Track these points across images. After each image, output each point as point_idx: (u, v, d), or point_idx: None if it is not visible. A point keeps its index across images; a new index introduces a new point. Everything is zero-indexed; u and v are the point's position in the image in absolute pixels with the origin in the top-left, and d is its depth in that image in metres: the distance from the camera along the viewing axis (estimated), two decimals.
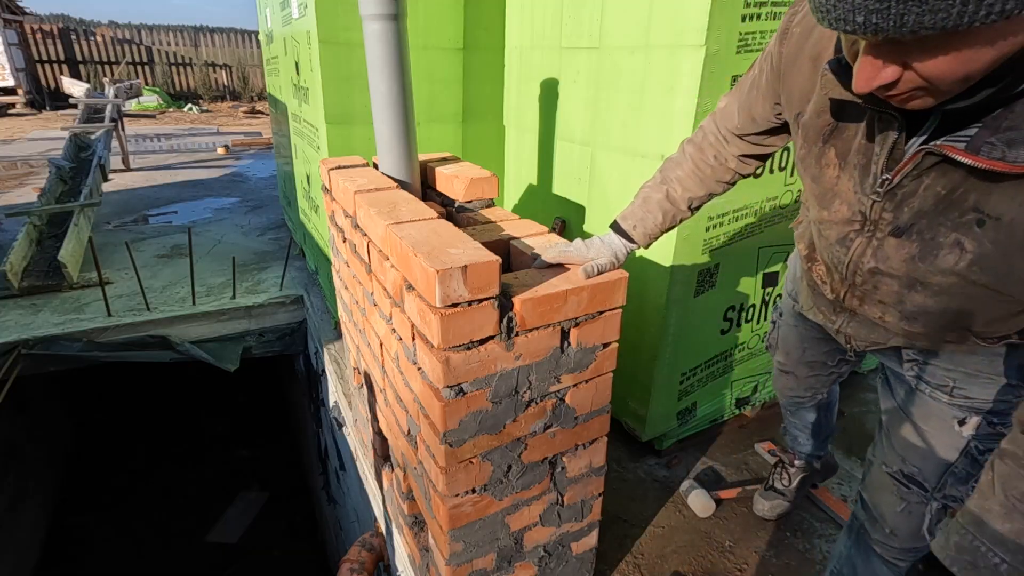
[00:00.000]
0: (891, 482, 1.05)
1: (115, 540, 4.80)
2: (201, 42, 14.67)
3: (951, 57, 0.53)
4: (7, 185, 5.91)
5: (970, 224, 0.69)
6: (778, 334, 1.42)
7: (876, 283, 0.87)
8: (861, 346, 1.05)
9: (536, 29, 2.09)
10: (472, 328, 1.02)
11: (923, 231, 0.75)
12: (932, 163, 0.69)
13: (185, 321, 3.06)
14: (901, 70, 0.57)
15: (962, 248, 0.71)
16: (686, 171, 1.16)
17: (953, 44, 0.52)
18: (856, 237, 0.85)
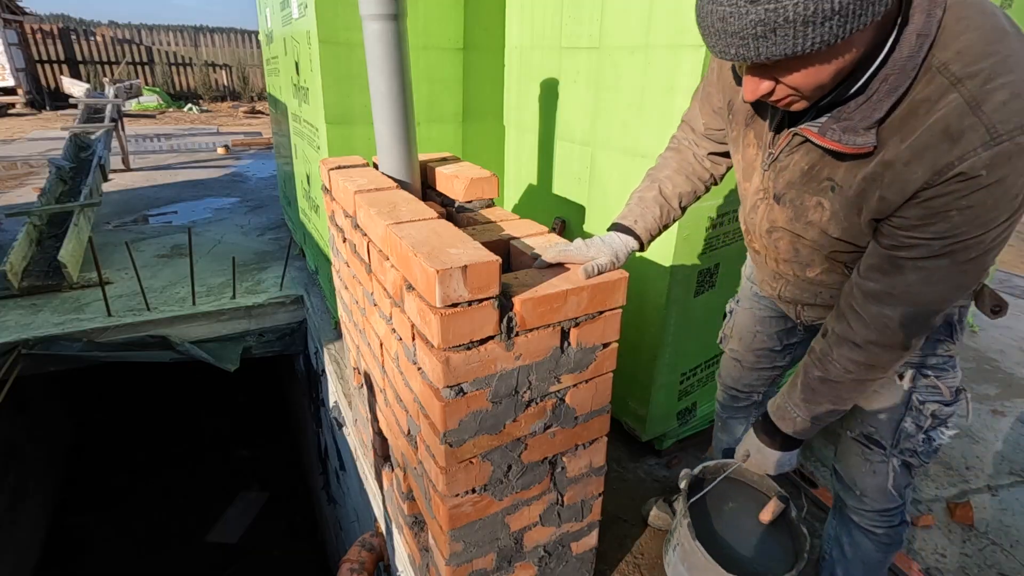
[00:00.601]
0: (856, 446, 1.19)
1: (115, 540, 4.80)
2: (201, 42, 14.67)
3: (804, 73, 0.75)
4: (7, 185, 5.91)
5: (826, 190, 0.91)
6: (733, 321, 1.47)
7: (776, 240, 1.08)
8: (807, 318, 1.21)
9: (536, 29, 2.09)
10: (472, 328, 1.02)
11: (794, 198, 0.98)
12: (799, 142, 0.92)
13: (185, 321, 3.06)
14: (773, 84, 0.78)
15: (823, 208, 0.94)
16: (672, 170, 1.25)
17: (802, 65, 0.74)
18: (760, 203, 1.06)
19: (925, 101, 0.75)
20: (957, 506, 1.94)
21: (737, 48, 0.71)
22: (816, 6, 0.65)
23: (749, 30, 0.68)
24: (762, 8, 0.66)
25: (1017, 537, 1.87)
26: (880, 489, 1.18)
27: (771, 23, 0.66)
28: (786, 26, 0.66)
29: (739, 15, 0.68)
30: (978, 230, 0.77)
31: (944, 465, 2.19)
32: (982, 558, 1.78)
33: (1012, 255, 5.83)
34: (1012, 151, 0.71)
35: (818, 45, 0.68)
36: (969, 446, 2.31)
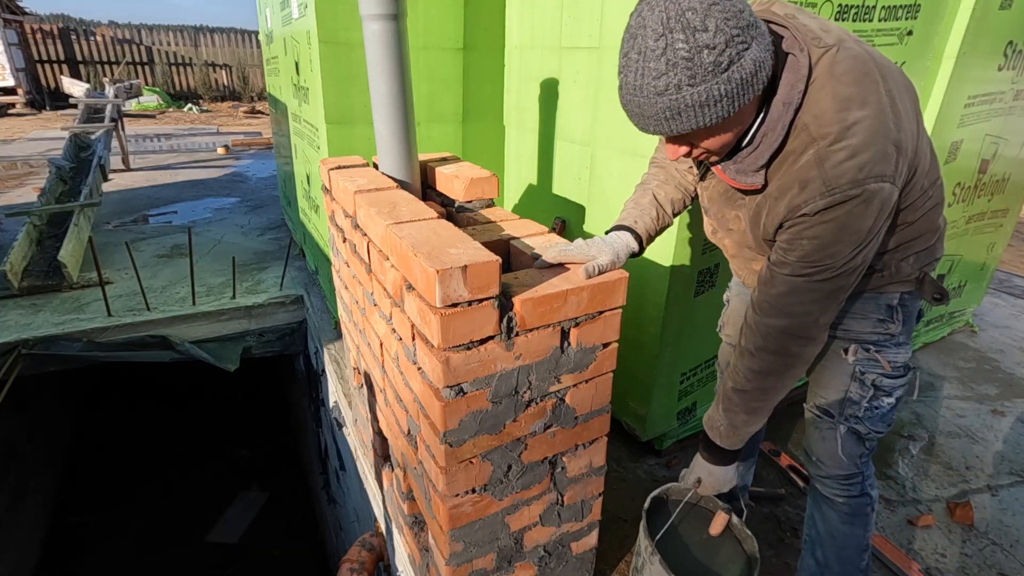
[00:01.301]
0: (812, 417, 1.32)
1: (115, 540, 4.80)
2: (201, 42, 14.67)
3: (711, 140, 0.96)
4: (7, 185, 5.91)
5: (740, 206, 1.12)
6: (729, 309, 1.55)
7: (721, 239, 1.27)
8: None
9: (536, 29, 2.09)
10: (472, 328, 1.02)
11: (716, 212, 1.20)
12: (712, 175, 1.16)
13: (185, 321, 3.06)
14: (689, 147, 0.99)
15: (739, 219, 1.14)
16: (660, 180, 1.34)
17: (707, 134, 0.94)
18: (704, 214, 1.27)
19: (793, 152, 0.95)
20: (957, 506, 1.94)
21: (655, 127, 0.91)
22: (707, 94, 0.84)
23: (661, 114, 0.88)
24: (667, 99, 0.85)
25: (1017, 537, 1.87)
26: (831, 455, 1.28)
27: (676, 108, 0.86)
28: (688, 110, 0.86)
29: (651, 104, 0.87)
30: (827, 259, 0.96)
31: (944, 465, 2.19)
32: (982, 558, 1.78)
33: (1012, 255, 5.82)
34: (841, 200, 0.91)
35: (714, 120, 0.88)
36: (969, 446, 2.31)
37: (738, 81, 0.84)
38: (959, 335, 3.24)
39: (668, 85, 0.84)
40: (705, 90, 0.84)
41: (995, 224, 3.02)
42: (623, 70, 0.88)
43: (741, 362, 1.13)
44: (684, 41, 0.81)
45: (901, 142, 0.91)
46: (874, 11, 1.81)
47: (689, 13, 0.80)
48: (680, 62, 0.82)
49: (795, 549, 1.73)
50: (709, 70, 0.82)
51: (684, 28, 0.80)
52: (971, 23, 2.07)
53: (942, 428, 2.41)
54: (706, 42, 0.81)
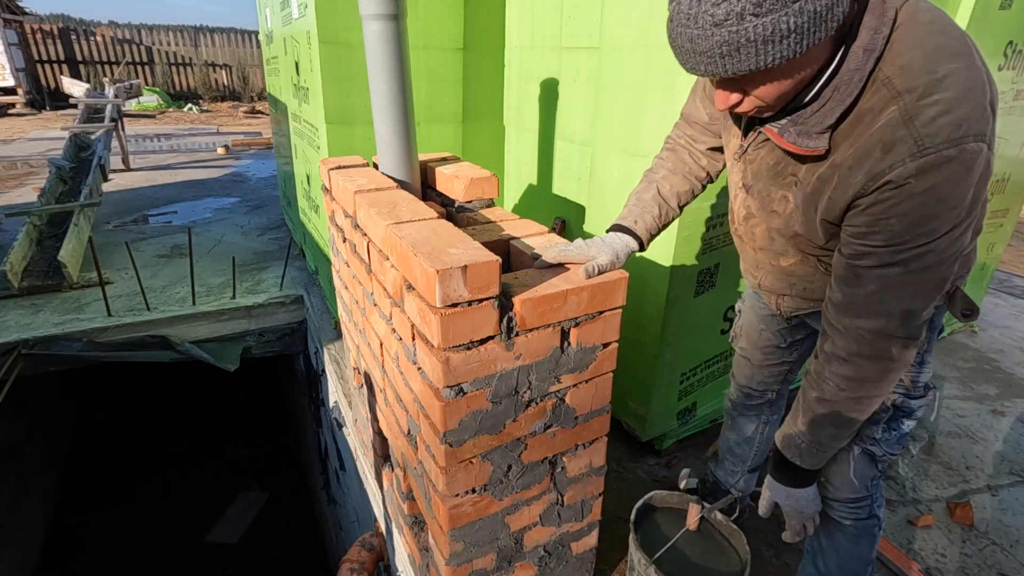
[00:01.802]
0: None
1: (115, 540, 4.80)
2: (201, 42, 14.67)
3: (768, 86, 0.82)
4: (7, 185, 5.91)
5: (790, 184, 0.98)
6: (741, 320, 1.50)
7: (752, 227, 1.14)
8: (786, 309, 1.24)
9: (536, 29, 2.09)
10: (472, 328, 1.02)
11: (761, 190, 1.05)
12: (764, 139, 0.99)
13: (185, 321, 3.06)
14: (741, 96, 0.86)
15: (787, 200, 1.00)
16: (668, 170, 1.29)
17: (765, 78, 0.81)
18: (739, 193, 1.13)
19: (870, 111, 0.82)
20: (957, 506, 1.94)
21: (706, 66, 0.78)
22: (774, 26, 0.71)
23: (716, 50, 0.75)
24: (726, 31, 0.73)
25: (1017, 537, 1.87)
26: (843, 477, 1.21)
27: (735, 43, 0.73)
28: (748, 45, 0.73)
29: (706, 37, 0.74)
30: (922, 239, 0.81)
31: (944, 465, 2.19)
32: (982, 558, 1.78)
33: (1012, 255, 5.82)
34: (938, 162, 0.76)
35: (778, 60, 0.75)
36: (969, 446, 2.31)
37: (811, 14, 0.71)
38: (959, 335, 3.24)
39: (729, 13, 0.71)
40: (772, 22, 0.70)
41: (995, 224, 3.02)
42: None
43: (829, 368, 0.99)
44: None
45: (995, 104, 0.80)
46: None
47: None
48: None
49: (795, 549, 1.73)
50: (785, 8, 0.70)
51: None
52: (971, 23, 2.07)
53: (942, 428, 2.41)
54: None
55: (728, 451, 1.68)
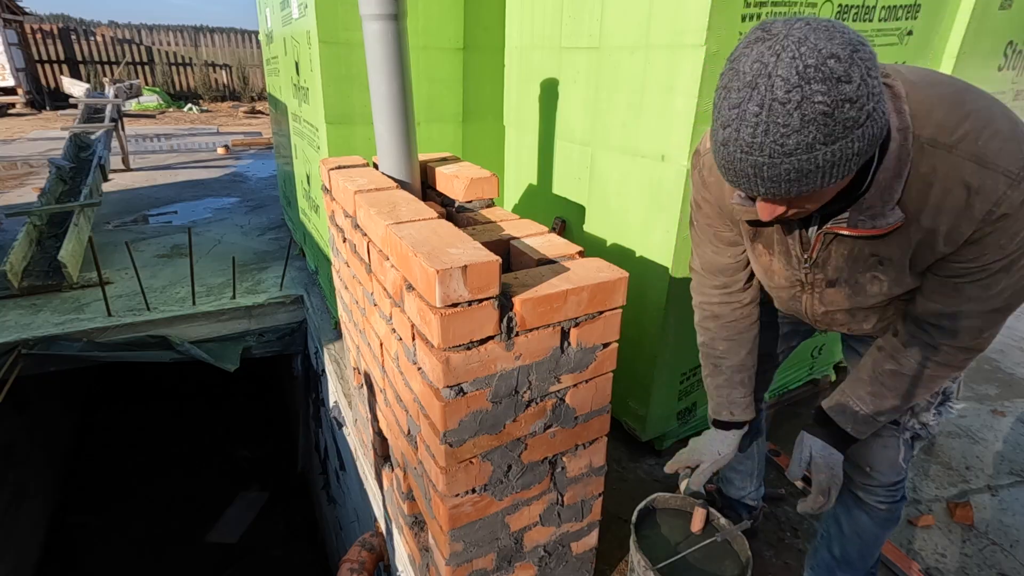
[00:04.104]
0: None
1: (115, 540, 4.80)
2: (201, 42, 14.66)
3: (821, 195, 0.83)
4: (7, 185, 5.91)
5: (874, 263, 0.98)
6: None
7: (831, 318, 1.16)
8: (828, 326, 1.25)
9: (536, 29, 2.09)
10: (472, 328, 1.02)
11: (847, 279, 1.04)
12: (831, 239, 0.99)
13: (185, 321, 3.06)
14: (788, 207, 0.85)
15: (879, 280, 1.01)
16: (725, 342, 1.29)
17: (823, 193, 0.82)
18: (801, 294, 1.14)
19: (931, 172, 0.84)
20: (957, 506, 1.94)
21: (768, 188, 0.78)
22: (842, 152, 0.73)
23: (783, 176, 0.75)
24: (796, 159, 0.73)
25: (1017, 537, 1.87)
26: (891, 462, 1.22)
27: (803, 171, 0.74)
28: (816, 171, 0.74)
29: (773, 165, 0.74)
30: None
31: (944, 465, 2.19)
32: (982, 558, 1.78)
33: None
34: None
35: (840, 178, 0.77)
36: (969, 446, 2.31)
37: (871, 136, 0.74)
38: None
39: (799, 144, 0.71)
40: (840, 148, 0.72)
41: None
42: (731, 123, 0.75)
43: (913, 350, 1.01)
44: (825, 93, 0.68)
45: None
46: (874, 11, 1.81)
47: (832, 61, 0.68)
48: (818, 118, 0.70)
49: (795, 549, 1.73)
50: (847, 126, 0.71)
51: (826, 78, 0.68)
52: (971, 23, 2.08)
53: (942, 428, 2.41)
54: (849, 95, 0.69)
55: (731, 470, 1.68)
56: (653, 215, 1.74)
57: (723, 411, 1.32)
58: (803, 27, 0.71)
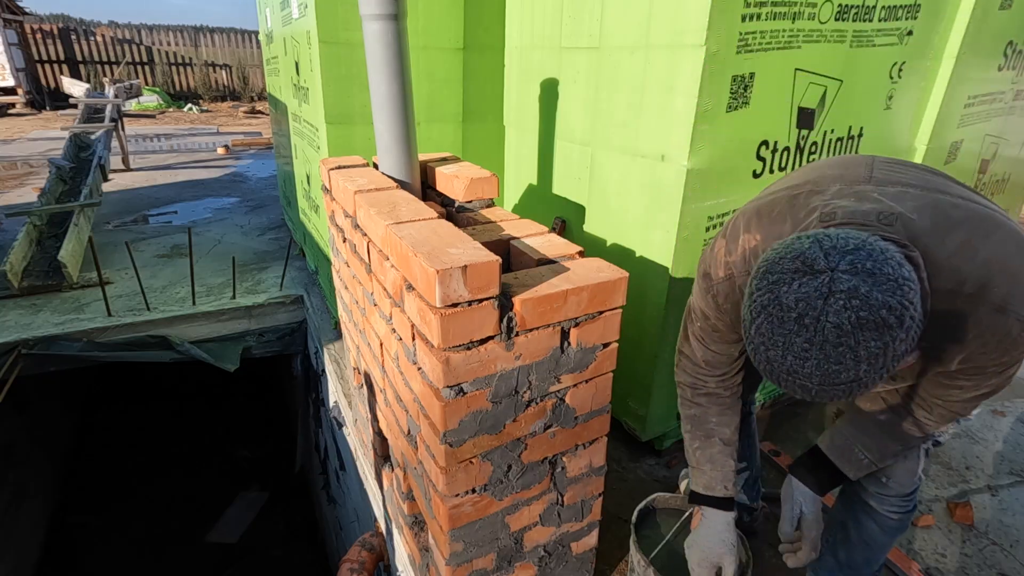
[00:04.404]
0: None
1: (115, 540, 4.80)
2: (201, 42, 14.66)
3: None
4: (7, 185, 5.91)
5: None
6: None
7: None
8: None
9: (536, 29, 2.09)
10: (472, 328, 1.02)
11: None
12: None
13: (185, 321, 3.06)
14: None
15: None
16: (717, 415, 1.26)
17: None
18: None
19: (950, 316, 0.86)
20: (957, 506, 1.94)
21: (809, 396, 0.78)
22: (891, 368, 0.73)
23: (833, 392, 0.76)
24: (845, 385, 0.74)
25: (1017, 537, 1.87)
26: (911, 473, 1.22)
27: (853, 389, 0.75)
28: (866, 386, 0.75)
29: (823, 390, 0.75)
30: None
31: (944, 465, 2.19)
32: (982, 558, 1.77)
33: None
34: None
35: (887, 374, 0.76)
36: (969, 446, 2.31)
37: (914, 340, 0.74)
38: None
39: (850, 376, 0.73)
40: (890, 367, 0.74)
41: None
42: (776, 347, 0.75)
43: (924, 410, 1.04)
44: (877, 339, 0.70)
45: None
46: (874, 11, 1.81)
47: (884, 311, 0.69)
48: (870, 357, 0.71)
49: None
50: (897, 354, 0.72)
51: (878, 327, 0.69)
52: (971, 23, 2.08)
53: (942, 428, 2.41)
54: (899, 335, 0.70)
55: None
56: (653, 215, 1.74)
57: (718, 486, 1.26)
58: (849, 272, 0.70)
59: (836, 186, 0.96)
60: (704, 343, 1.20)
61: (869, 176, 0.98)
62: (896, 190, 0.93)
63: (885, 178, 0.97)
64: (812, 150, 1.90)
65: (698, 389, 1.26)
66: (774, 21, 1.57)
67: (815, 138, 1.89)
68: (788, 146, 1.82)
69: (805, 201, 0.96)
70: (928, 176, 0.99)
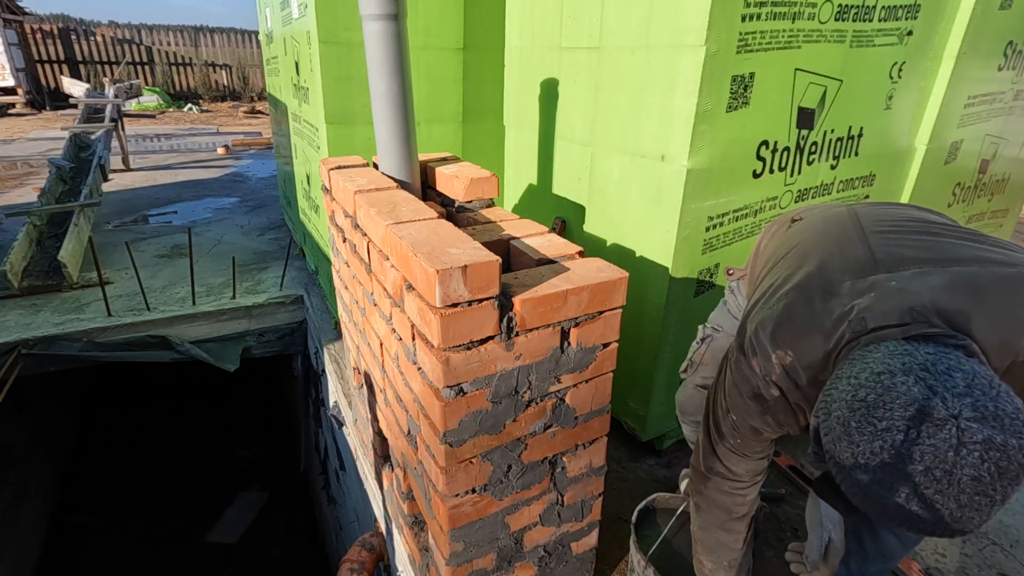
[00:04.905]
0: None
1: (115, 540, 4.80)
2: (201, 42, 14.66)
3: None
4: (7, 185, 5.91)
5: None
6: (707, 348, 1.45)
7: None
8: None
9: (536, 29, 2.09)
10: (472, 328, 1.02)
11: None
12: None
13: (185, 321, 3.06)
14: None
15: None
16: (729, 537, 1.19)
17: None
18: None
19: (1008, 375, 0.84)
20: None
21: (927, 535, 0.74)
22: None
23: (955, 531, 0.72)
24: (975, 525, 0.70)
25: (1017, 537, 1.87)
26: None
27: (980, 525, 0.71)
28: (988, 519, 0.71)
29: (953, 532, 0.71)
30: None
31: None
32: (982, 558, 1.77)
33: None
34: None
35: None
36: None
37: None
38: None
39: (984, 517, 0.71)
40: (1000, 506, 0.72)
41: (995, 224, 3.02)
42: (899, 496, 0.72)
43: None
44: (1014, 483, 0.69)
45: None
46: (874, 11, 1.81)
47: (1020, 456, 0.68)
48: (1005, 499, 0.70)
49: None
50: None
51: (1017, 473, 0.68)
52: (971, 23, 2.08)
53: None
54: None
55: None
56: (653, 215, 1.74)
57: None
58: (976, 420, 0.68)
59: (847, 281, 0.91)
60: (747, 457, 1.12)
61: (872, 257, 0.93)
62: (910, 273, 0.88)
63: (889, 256, 0.93)
64: (812, 150, 1.90)
65: (715, 504, 1.17)
66: (774, 21, 1.57)
67: (815, 138, 1.89)
68: (788, 146, 1.82)
69: (823, 307, 0.91)
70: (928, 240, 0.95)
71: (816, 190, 2.01)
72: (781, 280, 1.03)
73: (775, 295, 1.01)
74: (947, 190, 2.56)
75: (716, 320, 1.47)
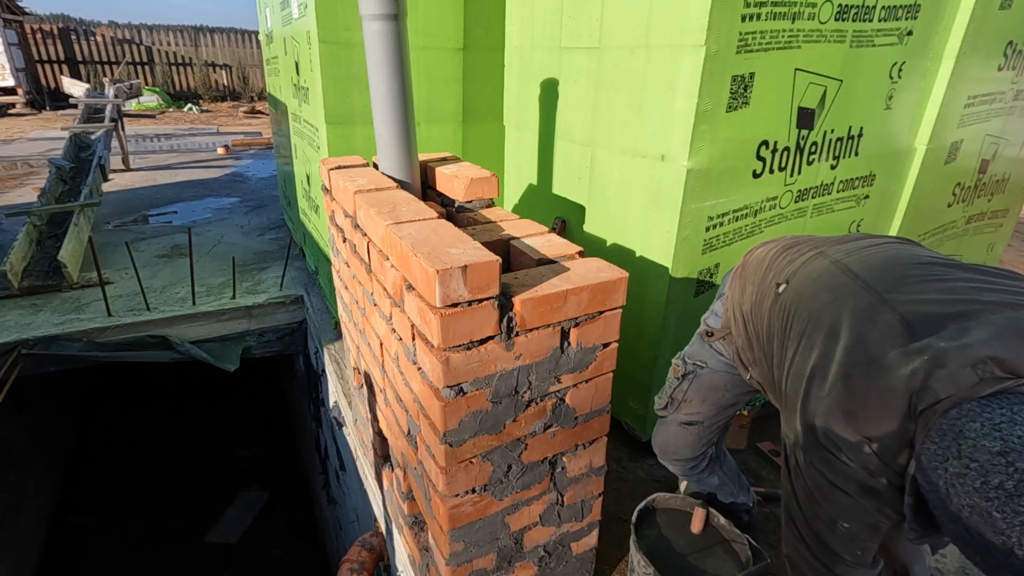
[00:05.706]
0: None
1: (115, 540, 4.80)
2: (201, 42, 14.66)
3: None
4: (7, 185, 5.91)
5: None
6: (691, 385, 1.42)
7: None
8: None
9: (536, 29, 2.09)
10: (472, 328, 1.02)
11: None
12: None
13: (185, 321, 3.06)
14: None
15: None
16: None
17: None
18: None
19: None
20: None
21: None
22: None
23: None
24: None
25: None
26: None
27: None
28: None
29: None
30: None
31: None
32: None
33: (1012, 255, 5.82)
34: None
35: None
36: None
37: None
38: None
39: None
40: None
41: (995, 224, 3.02)
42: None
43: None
44: None
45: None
46: (874, 11, 1.81)
47: None
48: None
49: None
50: None
51: None
52: (971, 23, 2.08)
53: None
54: None
55: (718, 489, 1.65)
56: (653, 215, 1.74)
57: None
58: None
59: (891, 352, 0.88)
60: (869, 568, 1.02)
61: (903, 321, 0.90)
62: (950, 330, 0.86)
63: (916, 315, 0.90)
64: (812, 150, 1.90)
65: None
66: (774, 21, 1.57)
67: (815, 138, 1.89)
68: (788, 146, 1.82)
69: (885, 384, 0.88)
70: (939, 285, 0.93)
71: (816, 190, 2.01)
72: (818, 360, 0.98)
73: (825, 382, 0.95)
74: (947, 190, 2.56)
75: (698, 356, 1.42)
